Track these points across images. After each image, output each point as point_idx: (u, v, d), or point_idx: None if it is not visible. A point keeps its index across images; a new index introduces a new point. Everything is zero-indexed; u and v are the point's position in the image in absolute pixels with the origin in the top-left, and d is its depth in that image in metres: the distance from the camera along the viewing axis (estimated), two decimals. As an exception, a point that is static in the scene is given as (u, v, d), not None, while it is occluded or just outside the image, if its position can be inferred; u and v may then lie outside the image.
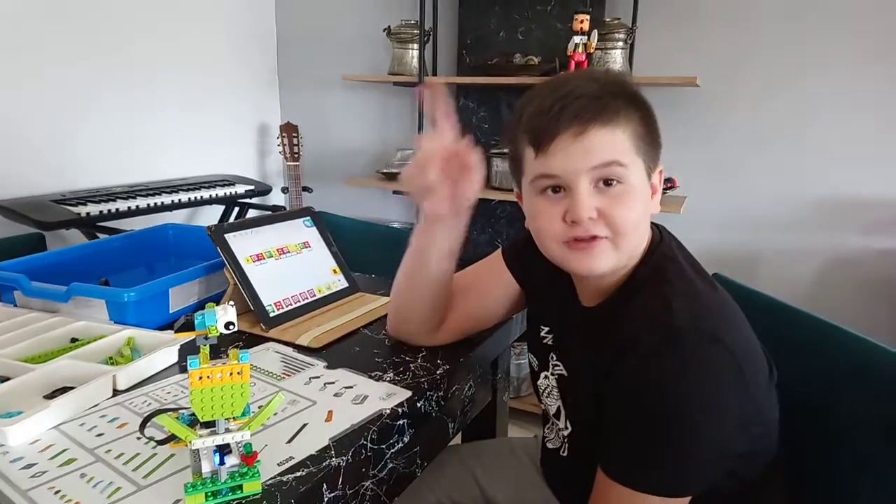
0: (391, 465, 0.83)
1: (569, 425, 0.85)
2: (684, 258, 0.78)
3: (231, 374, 0.59)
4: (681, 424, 0.67)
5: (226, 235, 1.06)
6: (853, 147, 2.03)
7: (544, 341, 0.91)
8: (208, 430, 0.62)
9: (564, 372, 0.85)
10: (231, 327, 0.60)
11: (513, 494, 1.02)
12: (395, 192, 2.47)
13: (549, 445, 0.94)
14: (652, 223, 0.81)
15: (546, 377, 0.90)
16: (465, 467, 1.09)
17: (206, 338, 0.59)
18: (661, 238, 0.80)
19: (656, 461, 0.69)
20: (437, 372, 0.93)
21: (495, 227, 2.52)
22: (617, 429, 0.72)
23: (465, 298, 0.98)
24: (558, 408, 0.87)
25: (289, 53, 2.92)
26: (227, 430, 0.62)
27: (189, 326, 0.60)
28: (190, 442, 0.60)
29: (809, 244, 2.13)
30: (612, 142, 0.72)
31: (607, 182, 0.73)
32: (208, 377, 0.58)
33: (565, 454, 0.88)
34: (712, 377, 0.67)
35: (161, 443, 0.64)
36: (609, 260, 0.75)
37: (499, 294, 0.98)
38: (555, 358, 0.88)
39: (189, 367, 0.58)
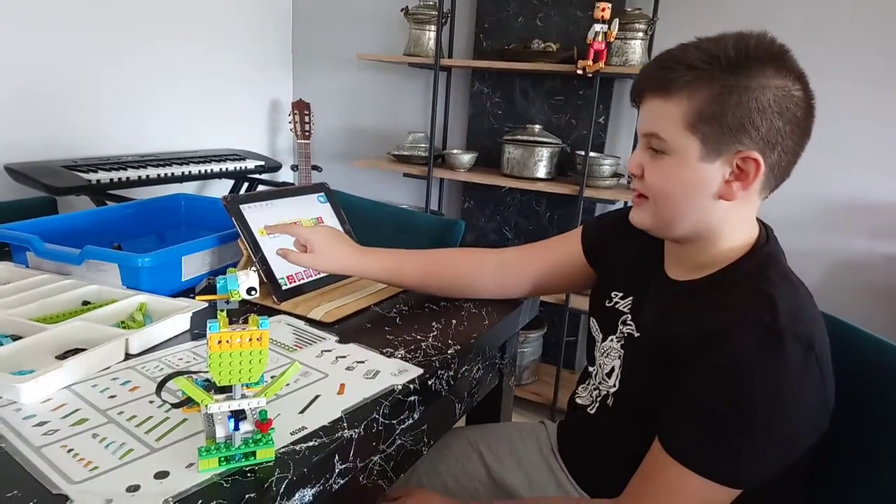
0: (399, 441, 0.83)
1: (618, 384, 0.88)
2: (786, 264, 0.79)
3: (250, 339, 0.59)
4: (763, 423, 0.69)
5: (241, 206, 1.06)
6: (863, 151, 2.02)
7: (616, 307, 0.92)
8: (224, 396, 0.62)
9: (636, 333, 0.87)
10: (253, 293, 0.59)
11: (523, 476, 1.02)
12: (405, 175, 2.45)
13: (578, 401, 0.98)
14: (760, 223, 0.82)
15: (611, 340, 0.92)
16: (471, 449, 1.10)
17: (228, 302, 0.59)
18: (767, 239, 0.80)
19: (728, 452, 0.70)
20: (448, 352, 0.93)
21: (503, 215, 2.51)
22: (690, 412, 0.72)
23: (534, 255, 1.09)
24: (612, 367, 0.90)
25: (304, 30, 2.90)
26: (244, 397, 0.61)
27: (211, 290, 0.60)
28: (206, 406, 0.60)
29: (815, 247, 2.12)
30: (659, 113, 0.75)
31: (654, 148, 0.78)
32: (227, 342, 0.58)
33: (593, 411, 0.92)
34: (801, 384, 0.69)
35: (176, 406, 0.64)
36: (644, 218, 0.82)
37: (564, 262, 1.05)
38: (628, 320, 0.89)
39: (208, 331, 0.58)
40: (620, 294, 0.93)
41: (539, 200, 2.45)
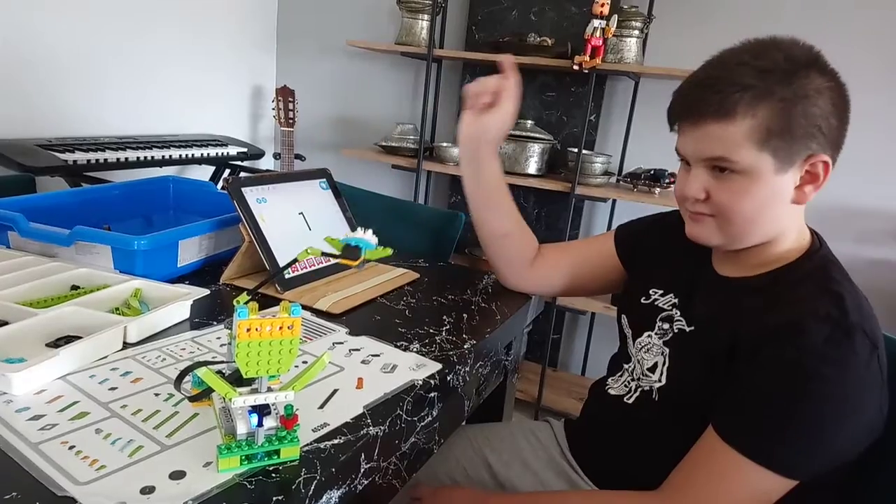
0: (413, 439, 0.79)
1: (664, 379, 0.86)
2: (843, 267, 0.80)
3: (281, 327, 0.54)
4: (827, 415, 0.69)
5: (242, 189, 1.00)
6: (850, 157, 2.02)
7: (655, 303, 0.92)
8: (248, 389, 0.57)
9: (687, 328, 0.85)
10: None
11: (532, 478, 0.98)
12: (393, 167, 2.40)
13: (611, 392, 0.95)
14: (810, 230, 0.84)
15: (648, 336, 0.91)
16: (474, 449, 1.06)
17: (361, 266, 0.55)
18: (820, 244, 0.82)
19: (789, 442, 0.70)
20: (465, 346, 0.89)
21: (491, 211, 2.48)
22: (754, 401, 0.72)
23: (566, 254, 1.09)
24: (655, 363, 0.88)
25: (289, 15, 2.82)
26: (269, 390, 0.56)
27: (352, 254, 0.56)
28: (230, 400, 0.55)
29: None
30: (724, 137, 0.73)
31: (721, 168, 0.75)
32: (257, 329, 0.53)
33: (631, 401, 0.91)
34: (865, 382, 0.69)
35: (192, 399, 0.58)
36: (711, 236, 0.81)
37: (597, 262, 1.06)
38: (676, 316, 0.88)
39: (237, 317, 0.53)
40: (660, 291, 0.92)
41: (527, 197, 2.42)
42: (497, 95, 0.99)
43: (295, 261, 0.62)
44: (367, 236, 0.58)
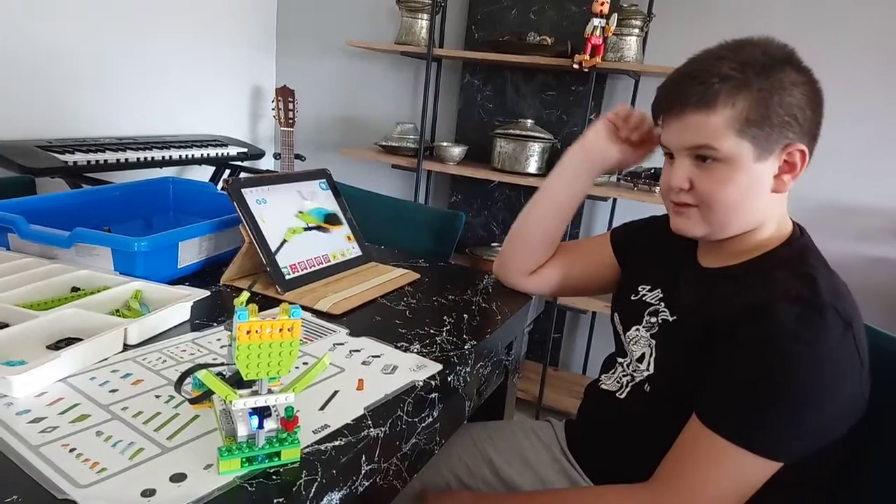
0: (414, 440, 0.79)
1: (652, 368, 0.88)
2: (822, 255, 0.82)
3: (281, 329, 0.54)
4: (803, 393, 0.70)
5: (242, 190, 1.00)
6: (848, 155, 2.04)
7: (644, 299, 0.94)
8: (248, 391, 0.57)
9: (671, 317, 0.88)
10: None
11: (533, 476, 0.99)
12: (394, 167, 2.40)
13: (604, 387, 0.97)
14: (793, 222, 0.85)
15: (636, 329, 0.93)
16: (476, 447, 1.06)
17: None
18: (801, 233, 0.84)
19: (768, 422, 0.71)
20: (465, 347, 0.89)
21: (491, 211, 2.48)
22: (731, 384, 0.73)
23: (565, 254, 1.11)
24: (643, 354, 0.90)
25: (289, 15, 2.82)
26: (270, 392, 0.56)
27: (334, 220, 0.58)
28: (230, 402, 0.55)
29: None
30: (705, 125, 0.76)
31: (703, 157, 0.79)
32: (257, 332, 0.53)
33: (623, 396, 0.92)
34: (840, 359, 0.70)
35: (193, 401, 0.58)
36: (695, 227, 0.83)
37: (595, 261, 1.08)
38: (661, 309, 0.90)
39: (237, 320, 0.53)
40: (648, 287, 0.94)
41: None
42: (642, 139, 1.00)
43: (284, 241, 0.62)
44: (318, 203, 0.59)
